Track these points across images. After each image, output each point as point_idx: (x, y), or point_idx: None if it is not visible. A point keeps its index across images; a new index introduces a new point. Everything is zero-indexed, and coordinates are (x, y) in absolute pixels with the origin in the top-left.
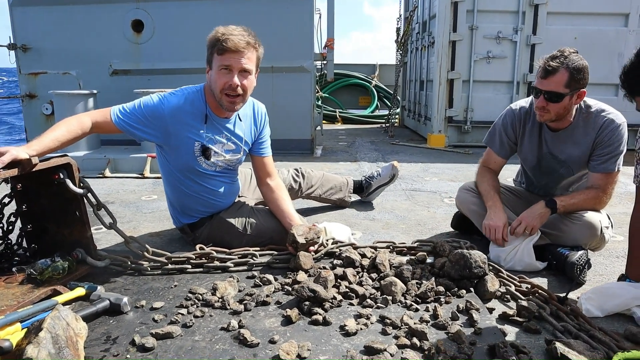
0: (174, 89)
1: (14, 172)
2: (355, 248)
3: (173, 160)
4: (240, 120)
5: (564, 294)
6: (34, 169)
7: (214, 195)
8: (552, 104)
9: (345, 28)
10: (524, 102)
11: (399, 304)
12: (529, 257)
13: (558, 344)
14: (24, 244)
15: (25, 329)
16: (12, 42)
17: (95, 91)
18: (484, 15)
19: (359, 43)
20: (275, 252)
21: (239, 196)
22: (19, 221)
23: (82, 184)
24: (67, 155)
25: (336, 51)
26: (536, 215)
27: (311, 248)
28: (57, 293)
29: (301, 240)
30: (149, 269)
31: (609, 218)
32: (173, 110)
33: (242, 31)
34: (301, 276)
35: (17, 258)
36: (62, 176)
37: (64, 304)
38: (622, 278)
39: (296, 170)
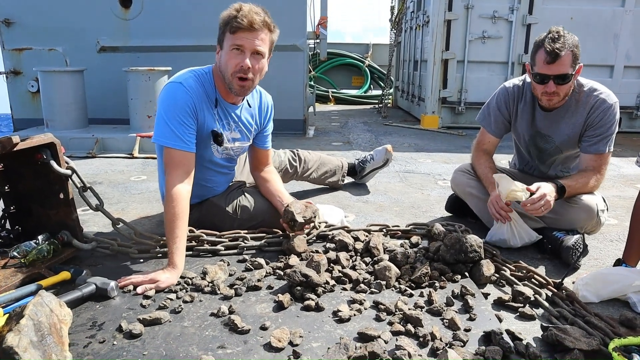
0: (182, 72)
1: None
2: (349, 231)
3: None
4: (250, 106)
5: (559, 279)
6: (15, 148)
7: (212, 184)
8: (561, 86)
9: None
10: (518, 80)
11: (393, 289)
12: (527, 234)
13: (554, 331)
14: (7, 225)
15: (7, 315)
16: None
17: (82, 68)
18: None
19: None
20: (267, 235)
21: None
22: (1, 202)
23: (67, 164)
24: (50, 134)
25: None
26: (553, 195)
27: (306, 226)
28: (41, 277)
29: (299, 218)
30: (137, 252)
31: (605, 201)
32: (195, 93)
33: (259, 10)
34: (293, 260)
35: (0, 240)
36: (45, 156)
37: (48, 288)
38: (618, 263)
39: (293, 153)
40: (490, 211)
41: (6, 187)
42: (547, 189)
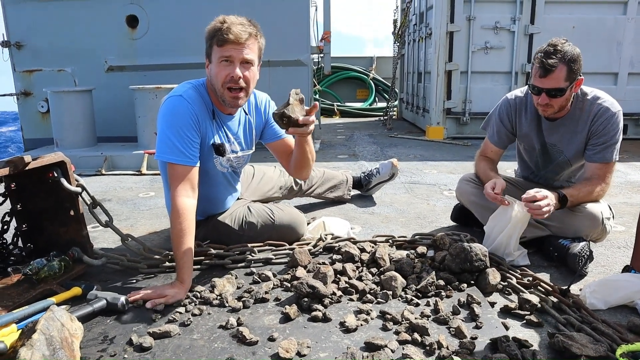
0: (179, 86)
1: (5, 171)
2: (355, 242)
3: None
4: (247, 114)
5: (566, 286)
6: (27, 168)
7: (216, 199)
8: (554, 99)
9: None
10: (520, 91)
11: (400, 298)
12: (510, 251)
13: (561, 338)
14: (20, 243)
15: (21, 330)
16: (5, 39)
17: (90, 88)
18: (482, 5)
19: None
20: (274, 248)
21: (238, 198)
22: (14, 220)
23: (76, 182)
24: (60, 153)
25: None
26: (554, 202)
27: (303, 120)
28: (53, 293)
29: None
30: (146, 267)
31: (611, 209)
32: (197, 103)
33: (243, 20)
34: (300, 272)
35: (12, 258)
36: (56, 174)
37: (60, 303)
38: (626, 269)
39: None
40: (486, 192)
41: (18, 206)
42: (550, 195)
